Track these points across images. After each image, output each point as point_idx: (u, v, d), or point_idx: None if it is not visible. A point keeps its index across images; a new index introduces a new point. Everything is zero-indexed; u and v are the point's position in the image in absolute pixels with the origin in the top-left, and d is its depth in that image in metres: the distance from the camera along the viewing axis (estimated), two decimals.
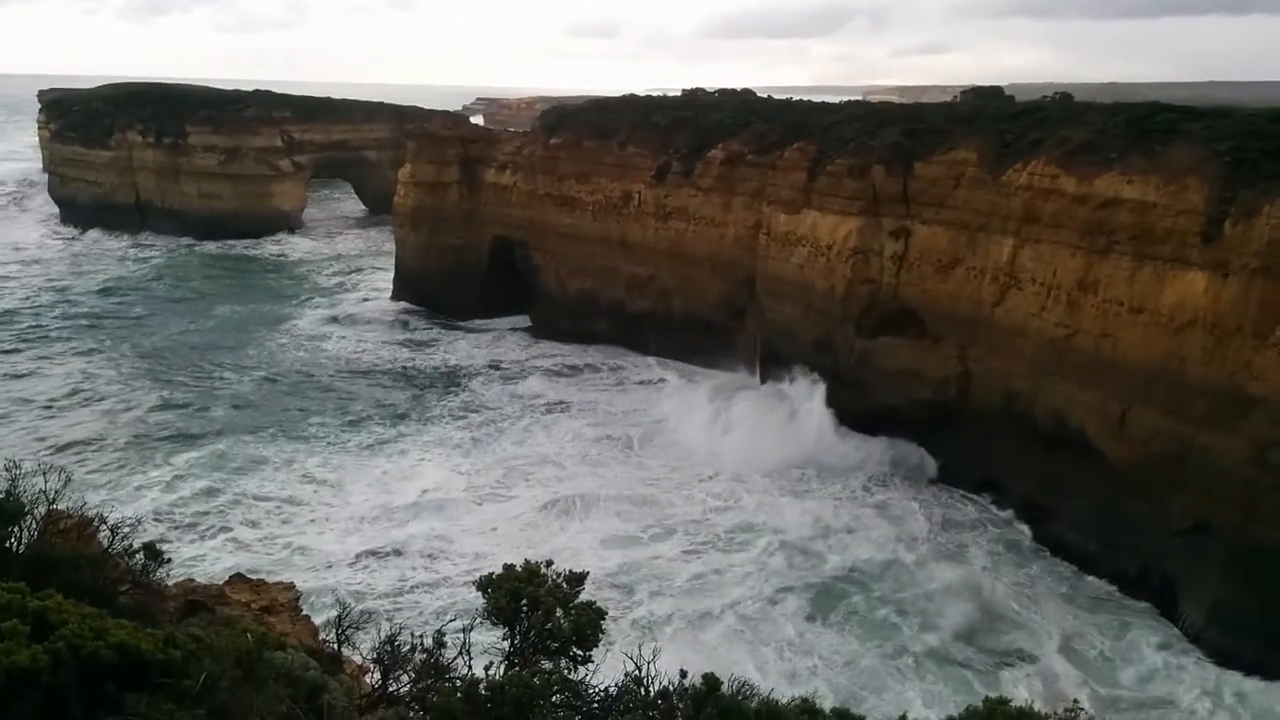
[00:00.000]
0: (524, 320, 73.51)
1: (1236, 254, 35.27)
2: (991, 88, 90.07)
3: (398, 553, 37.83)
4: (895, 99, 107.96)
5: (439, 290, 75.74)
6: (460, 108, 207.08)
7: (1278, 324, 33.95)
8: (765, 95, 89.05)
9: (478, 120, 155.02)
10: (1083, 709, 11.89)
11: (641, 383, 61.07)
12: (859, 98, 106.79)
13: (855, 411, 49.20)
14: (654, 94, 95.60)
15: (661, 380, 60.65)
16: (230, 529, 39.75)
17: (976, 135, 48.27)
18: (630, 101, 79.81)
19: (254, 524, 40.23)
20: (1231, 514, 34.69)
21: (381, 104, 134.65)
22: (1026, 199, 43.17)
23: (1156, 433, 37.61)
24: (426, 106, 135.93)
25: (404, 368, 63.88)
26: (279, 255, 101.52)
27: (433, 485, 44.46)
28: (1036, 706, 10.21)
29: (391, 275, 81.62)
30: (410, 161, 77.74)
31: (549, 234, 70.38)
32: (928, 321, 47.77)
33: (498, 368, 63.88)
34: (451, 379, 61.55)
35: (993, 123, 49.77)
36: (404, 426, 52.63)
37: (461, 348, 68.54)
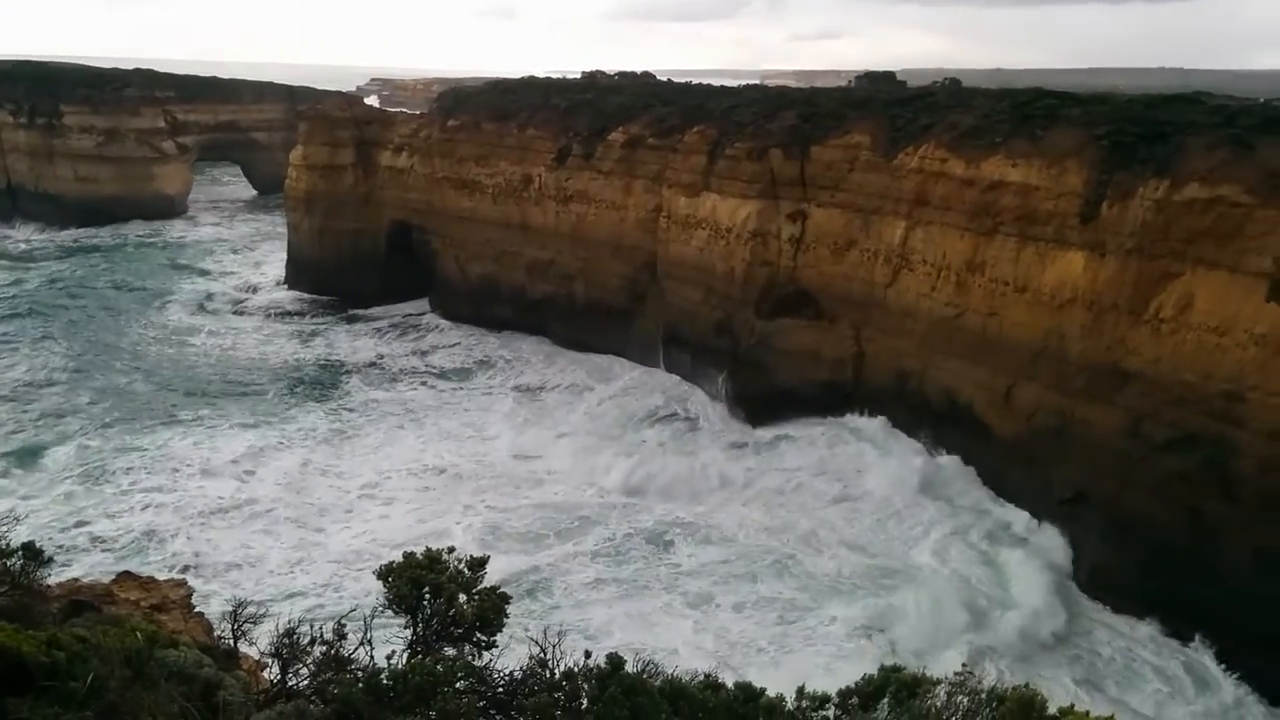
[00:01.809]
0: (424, 306, 72.41)
1: (1113, 234, 36.96)
2: (884, 73, 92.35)
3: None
4: (791, 83, 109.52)
5: (335, 277, 74.04)
6: (354, 88, 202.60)
7: (1151, 301, 35.74)
8: (665, 78, 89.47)
9: (373, 101, 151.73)
10: (972, 673, 12.41)
11: (522, 388, 57.47)
12: (757, 82, 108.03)
13: (755, 393, 49.96)
14: (554, 76, 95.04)
15: (552, 388, 57.47)
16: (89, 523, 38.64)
17: (870, 120, 49.37)
18: (530, 84, 79.15)
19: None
20: (1109, 483, 36.47)
21: (271, 84, 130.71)
22: (917, 182, 44.38)
23: (1040, 407, 39.24)
24: (319, 87, 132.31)
25: (285, 361, 61.67)
26: (162, 240, 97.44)
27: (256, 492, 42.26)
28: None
29: (284, 261, 79.45)
30: (302, 144, 75.66)
31: (448, 218, 69.42)
32: (824, 303, 48.77)
33: (378, 365, 61.44)
34: (328, 377, 59.18)
35: (885, 108, 51.01)
36: (263, 427, 50.11)
37: (347, 340, 66.37)
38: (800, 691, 11.89)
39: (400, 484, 43.58)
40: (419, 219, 71.63)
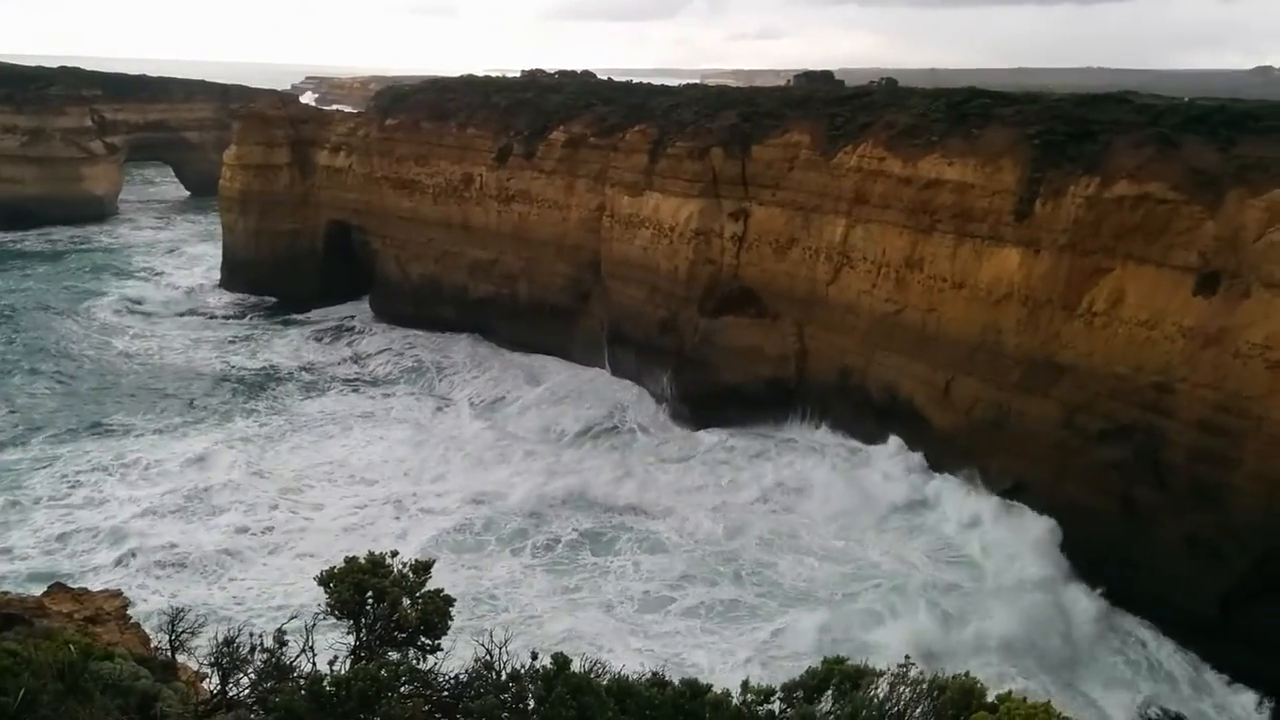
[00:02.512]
0: (365, 307, 71.46)
1: (1046, 231, 37.82)
2: (822, 72, 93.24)
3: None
4: (731, 82, 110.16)
5: (272, 278, 72.81)
6: (289, 86, 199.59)
7: (1083, 296, 36.64)
8: (606, 77, 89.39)
9: (308, 100, 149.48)
10: (914, 664, 12.61)
11: (456, 395, 56.28)
12: (697, 81, 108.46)
13: (700, 391, 50.17)
14: (493, 75, 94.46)
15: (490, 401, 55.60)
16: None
17: (809, 119, 49.85)
18: (469, 82, 78.54)
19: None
20: (1046, 474, 37.33)
21: (203, 82, 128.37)
22: (856, 180, 44.91)
23: (978, 400, 39.99)
24: (252, 85, 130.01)
25: (213, 366, 60.01)
26: (90, 243, 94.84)
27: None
28: None
29: (218, 263, 77.86)
30: (236, 143, 74.31)
31: (388, 218, 68.67)
32: (767, 300, 49.15)
33: (309, 370, 59.92)
34: (257, 382, 57.64)
35: (824, 107, 51.54)
36: (190, 434, 48.78)
37: (280, 344, 64.80)
38: (745, 685, 11.99)
39: (327, 492, 42.59)
40: (358, 219, 70.75)
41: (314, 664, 9.03)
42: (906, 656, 13.11)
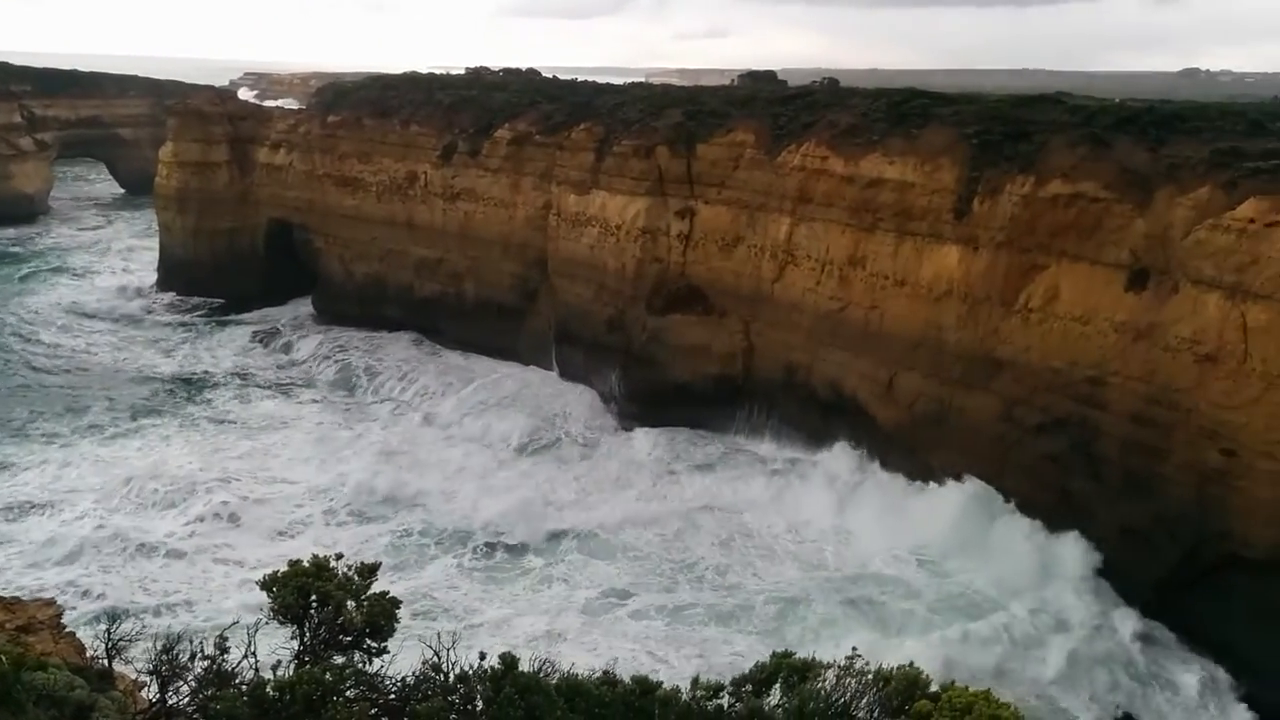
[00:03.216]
0: (308, 307, 70.35)
1: (984, 229, 38.53)
2: (766, 72, 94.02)
3: None
4: (676, 81, 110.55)
5: (211, 278, 71.39)
6: (227, 83, 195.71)
7: (1020, 292, 37.41)
8: (550, 75, 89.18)
9: (247, 96, 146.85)
10: (859, 655, 12.81)
11: (393, 399, 55.17)
12: (642, 79, 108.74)
13: (648, 389, 50.27)
14: (437, 72, 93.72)
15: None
16: None
17: (753, 118, 50.20)
18: (413, 79, 77.79)
19: None
20: (986, 467, 38.05)
21: (137, 77, 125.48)
22: (800, 179, 45.33)
23: (920, 395, 40.62)
24: (189, 81, 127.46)
25: (142, 369, 58.33)
26: (20, 242, 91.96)
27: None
28: None
29: (155, 263, 76.14)
30: (173, 140, 72.73)
31: (330, 216, 67.75)
32: (713, 298, 49.39)
33: (241, 374, 58.44)
34: (188, 386, 56.08)
35: (768, 106, 51.94)
36: (116, 440, 47.43)
37: (215, 346, 63.30)
38: (695, 681, 12.08)
39: (255, 497, 41.68)
40: (300, 217, 69.71)
41: (256, 670, 8.92)
42: (854, 649, 13.32)
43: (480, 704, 8.79)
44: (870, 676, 12.38)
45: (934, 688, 12.01)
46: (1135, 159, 35.87)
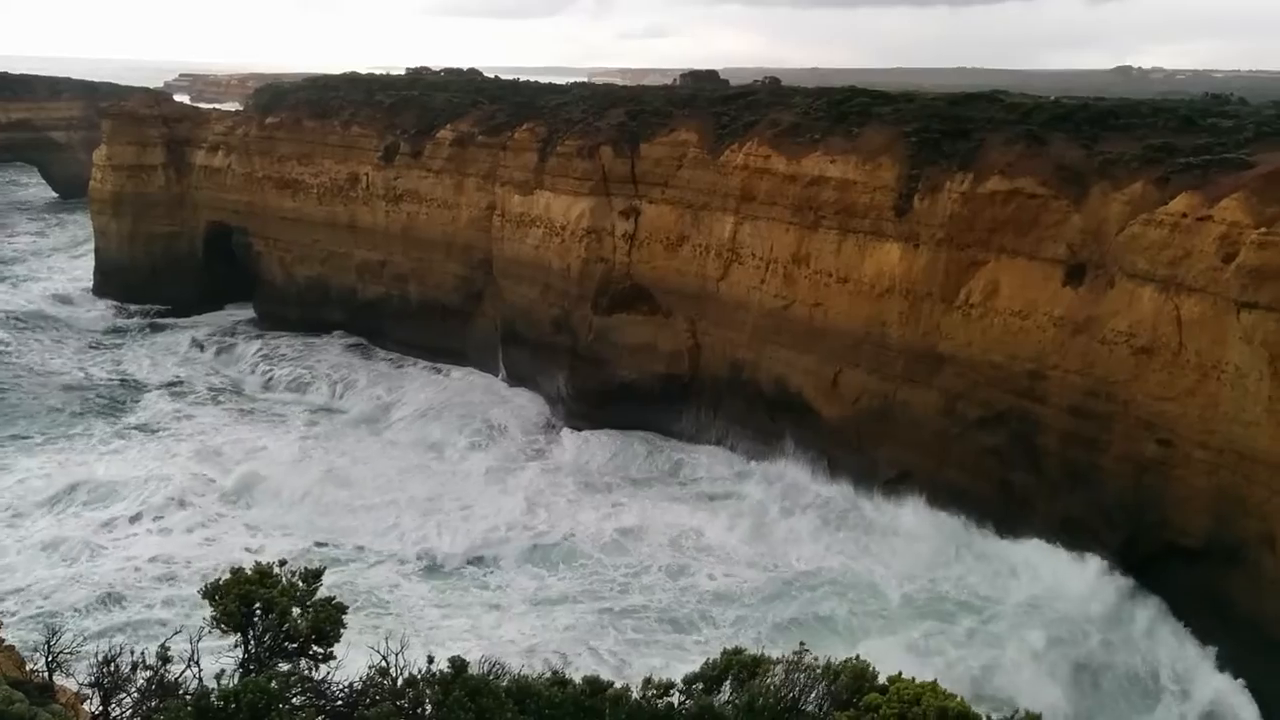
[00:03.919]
0: (249, 311, 69.13)
1: (924, 226, 39.10)
2: (707, 71, 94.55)
3: None
4: (619, 81, 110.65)
5: (148, 283, 69.88)
6: (162, 84, 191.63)
7: (961, 288, 38.02)
8: (492, 75, 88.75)
9: (183, 98, 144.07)
10: (808, 650, 12.96)
11: (324, 408, 53.53)
12: (585, 79, 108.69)
13: (595, 389, 50.27)
14: (378, 73, 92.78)
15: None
16: None
17: (696, 118, 50.43)
18: (353, 80, 76.98)
19: None
20: (929, 461, 38.63)
21: (69, 79, 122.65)
22: (743, 178, 45.62)
23: (864, 391, 41.10)
24: (123, 83, 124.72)
25: (73, 377, 56.60)
26: None
27: None
28: None
29: (91, 267, 74.33)
30: (107, 143, 71.12)
31: (270, 219, 66.71)
32: (659, 297, 49.53)
33: (175, 381, 57.02)
34: (118, 394, 54.49)
35: (710, 105, 52.24)
36: (35, 452, 46.03)
37: (148, 352, 61.63)
38: (646, 681, 12.13)
39: (186, 503, 40.69)
40: (239, 220, 68.55)
41: (200, 680, 8.78)
42: (801, 643, 13.47)
43: (429, 708, 8.74)
44: (819, 670, 12.54)
45: (882, 679, 12.21)
46: (1070, 156, 36.65)
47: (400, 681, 9.01)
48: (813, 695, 12.17)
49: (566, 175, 51.66)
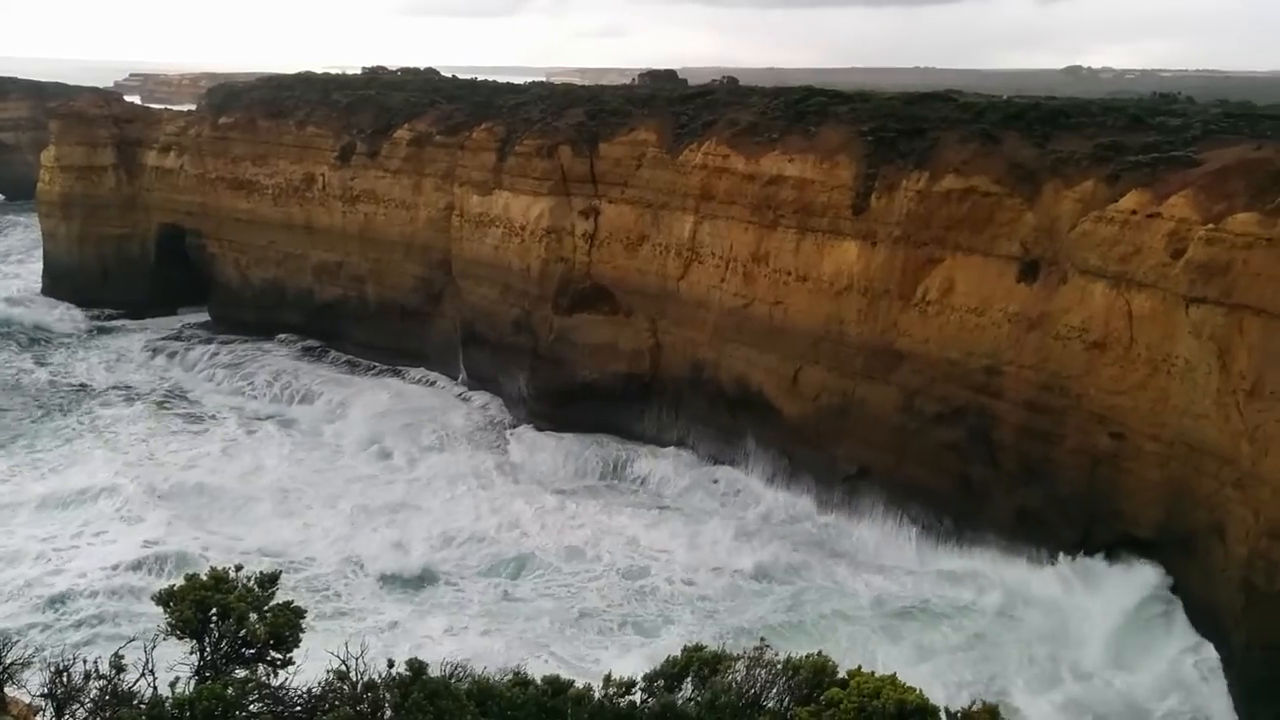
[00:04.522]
0: (203, 314, 68.12)
1: (881, 224, 39.48)
2: (666, 71, 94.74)
3: None
4: (577, 80, 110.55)
5: (99, 286, 68.68)
6: (112, 84, 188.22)
7: (918, 286, 38.44)
8: (450, 75, 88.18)
9: (134, 99, 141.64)
10: (769, 647, 13.05)
11: (276, 417, 52.27)
12: (543, 79, 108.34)
13: (556, 389, 50.16)
14: (333, 72, 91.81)
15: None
16: None
17: (655, 117, 50.46)
18: (307, 79, 75.96)
19: None
20: (888, 457, 39.02)
21: (16, 79, 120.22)
22: (702, 178, 45.76)
23: (824, 388, 41.40)
24: (72, 83, 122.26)
25: (13, 383, 55.64)
26: None
27: None
28: None
29: (39, 270, 72.87)
30: (55, 144, 69.85)
31: (224, 220, 65.80)
32: (620, 297, 49.52)
33: (123, 385, 55.99)
34: (58, 399, 53.48)
35: (668, 105, 52.26)
36: None
37: (93, 356, 60.47)
38: (607, 679, 12.13)
39: (136, 516, 39.62)
40: (193, 222, 67.54)
41: (155, 688, 8.65)
42: (762, 639, 13.55)
43: (389, 711, 8.69)
44: (779, 666, 12.64)
45: (842, 673, 12.32)
46: (1023, 154, 37.20)
47: (360, 686, 8.94)
48: (774, 691, 12.25)
49: (525, 175, 51.48)
